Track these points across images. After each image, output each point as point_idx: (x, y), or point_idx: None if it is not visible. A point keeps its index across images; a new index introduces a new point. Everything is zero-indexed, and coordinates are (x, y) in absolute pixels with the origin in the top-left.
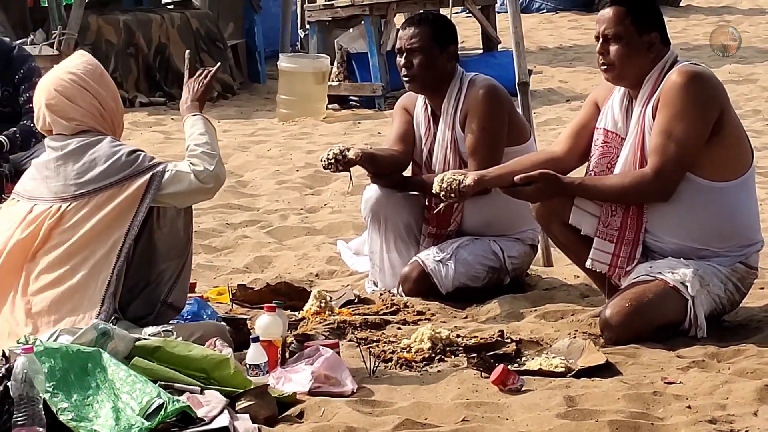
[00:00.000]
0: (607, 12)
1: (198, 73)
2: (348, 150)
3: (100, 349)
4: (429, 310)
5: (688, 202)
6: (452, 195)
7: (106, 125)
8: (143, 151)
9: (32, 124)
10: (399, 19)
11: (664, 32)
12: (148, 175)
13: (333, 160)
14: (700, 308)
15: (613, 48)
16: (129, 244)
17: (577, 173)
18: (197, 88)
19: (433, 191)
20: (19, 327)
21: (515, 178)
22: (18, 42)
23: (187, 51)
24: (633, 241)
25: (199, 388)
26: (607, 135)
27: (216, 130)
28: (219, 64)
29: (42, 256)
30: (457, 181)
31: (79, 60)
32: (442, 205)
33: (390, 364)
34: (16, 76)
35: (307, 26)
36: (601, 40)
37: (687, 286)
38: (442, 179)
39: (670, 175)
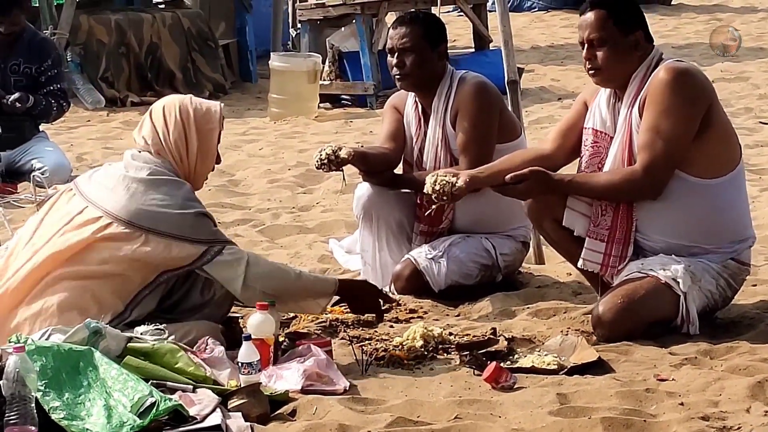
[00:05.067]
0: (589, 17)
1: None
2: (340, 149)
3: (92, 348)
4: (421, 308)
5: (677, 199)
6: (445, 198)
7: (181, 167)
8: (211, 219)
9: (56, 107)
10: (390, 17)
11: (646, 30)
12: (201, 249)
13: (326, 160)
14: (692, 304)
15: (600, 52)
16: (154, 289)
17: (567, 170)
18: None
19: (425, 193)
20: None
21: (506, 177)
22: None
23: None
24: (624, 240)
25: (192, 387)
26: (596, 135)
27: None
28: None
29: (74, 261)
30: (450, 184)
31: (205, 99)
32: (434, 207)
33: (382, 362)
34: (45, 64)
35: (299, 25)
36: (586, 45)
37: (679, 282)
38: (435, 181)
39: (659, 171)
